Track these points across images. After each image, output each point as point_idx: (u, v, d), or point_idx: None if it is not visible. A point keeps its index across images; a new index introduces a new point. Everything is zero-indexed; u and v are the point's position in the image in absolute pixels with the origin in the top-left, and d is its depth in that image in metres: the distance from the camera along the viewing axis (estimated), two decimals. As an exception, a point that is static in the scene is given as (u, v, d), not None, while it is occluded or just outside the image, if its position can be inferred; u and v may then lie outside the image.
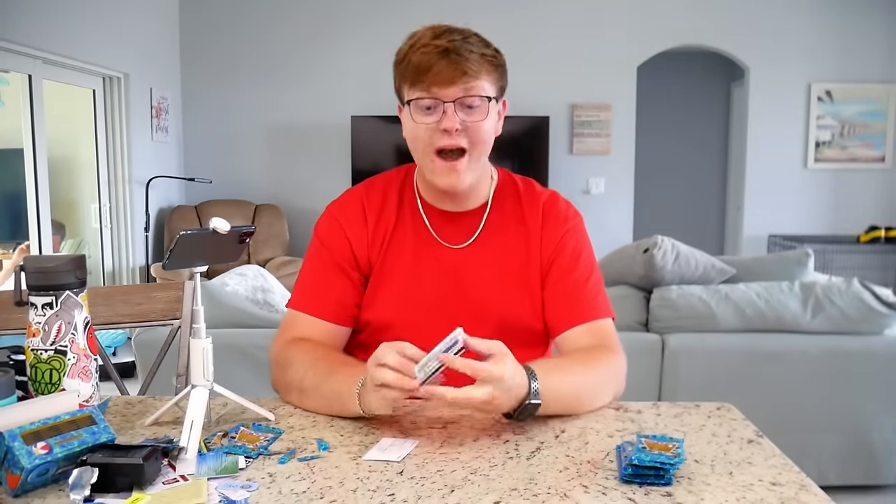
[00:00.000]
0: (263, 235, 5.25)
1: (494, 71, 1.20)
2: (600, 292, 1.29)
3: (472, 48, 1.16)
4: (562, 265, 1.27)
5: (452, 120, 1.16)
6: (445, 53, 1.15)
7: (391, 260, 1.28)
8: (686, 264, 2.65)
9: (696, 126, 7.17)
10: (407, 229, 1.29)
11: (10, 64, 3.73)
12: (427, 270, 1.27)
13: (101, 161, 4.73)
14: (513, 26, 5.54)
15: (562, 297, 1.26)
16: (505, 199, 1.31)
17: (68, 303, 1.00)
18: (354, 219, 1.29)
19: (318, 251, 1.30)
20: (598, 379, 1.15)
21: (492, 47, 1.21)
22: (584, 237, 1.32)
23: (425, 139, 1.19)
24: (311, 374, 1.13)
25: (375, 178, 1.36)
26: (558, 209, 1.32)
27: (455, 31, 1.18)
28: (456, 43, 1.15)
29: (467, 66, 1.15)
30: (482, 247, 1.28)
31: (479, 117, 1.18)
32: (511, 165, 5.40)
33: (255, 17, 5.60)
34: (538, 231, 1.29)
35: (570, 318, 1.25)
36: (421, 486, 0.86)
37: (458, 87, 1.15)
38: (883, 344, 2.52)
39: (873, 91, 5.61)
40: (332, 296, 1.26)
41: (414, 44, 1.18)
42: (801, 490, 0.85)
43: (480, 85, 1.17)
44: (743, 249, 5.77)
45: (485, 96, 1.18)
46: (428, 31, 1.19)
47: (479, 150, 1.21)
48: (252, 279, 2.85)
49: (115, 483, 0.84)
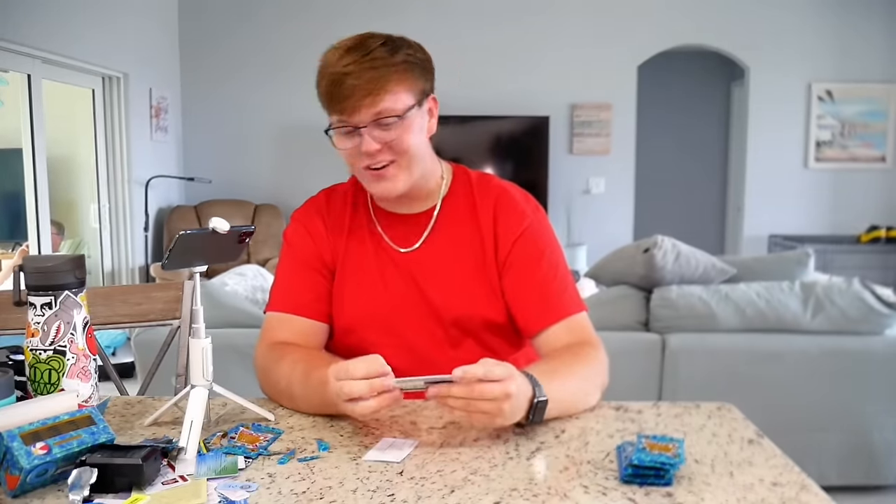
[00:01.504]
0: (263, 235, 5.25)
1: (408, 77, 1.16)
2: (570, 286, 1.28)
3: (375, 64, 1.13)
4: (526, 263, 1.26)
5: (369, 144, 1.16)
6: (346, 78, 1.12)
7: (350, 265, 1.29)
8: (686, 264, 2.65)
9: (697, 126, 7.16)
10: (362, 233, 1.30)
11: (9, 64, 3.73)
12: (383, 274, 1.28)
13: (101, 161, 4.73)
14: (512, 26, 5.54)
15: (531, 296, 1.25)
16: (457, 198, 1.30)
17: (67, 303, 1.00)
18: (315, 222, 1.32)
19: (288, 254, 1.32)
20: (591, 379, 1.15)
21: (403, 52, 1.16)
22: (547, 231, 1.31)
23: (352, 161, 1.21)
24: (295, 376, 1.13)
25: (336, 185, 1.37)
26: (513, 203, 1.29)
27: (360, 47, 1.15)
28: (357, 64, 1.12)
29: (372, 87, 1.12)
30: (432, 247, 1.28)
31: (398, 132, 1.17)
32: (511, 165, 5.41)
33: (254, 17, 5.60)
34: (491, 226, 1.27)
35: (543, 316, 1.24)
36: (421, 487, 0.85)
37: (367, 110, 1.14)
38: (883, 344, 2.52)
39: (874, 91, 5.60)
40: (306, 292, 1.28)
41: (323, 67, 1.16)
42: (801, 490, 0.85)
43: (393, 99, 1.14)
44: (743, 249, 5.77)
45: (396, 115, 1.15)
46: (333, 52, 1.17)
47: (407, 159, 1.20)
48: (251, 279, 2.85)
49: (115, 483, 0.84)
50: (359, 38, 1.17)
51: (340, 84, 1.13)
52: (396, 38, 1.19)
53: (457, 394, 0.95)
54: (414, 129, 1.19)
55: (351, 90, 1.13)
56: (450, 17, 5.46)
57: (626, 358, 2.42)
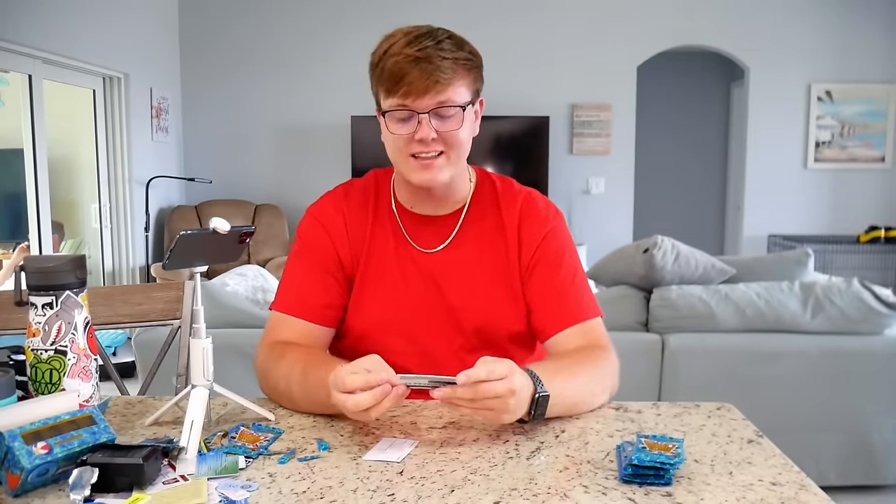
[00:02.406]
0: (263, 235, 5.25)
1: (468, 74, 1.18)
2: (587, 292, 1.28)
3: (444, 54, 1.14)
4: (546, 268, 1.26)
5: (427, 131, 1.15)
6: (417, 62, 1.12)
7: (373, 266, 1.27)
8: (686, 264, 2.65)
9: (696, 126, 7.17)
10: (385, 233, 1.28)
11: (10, 64, 3.73)
12: (405, 276, 1.27)
13: (101, 161, 4.73)
14: (513, 26, 5.54)
15: (549, 300, 1.25)
16: (482, 201, 1.30)
17: (68, 303, 1.00)
18: (334, 220, 1.29)
19: (301, 253, 1.30)
20: (597, 380, 1.15)
21: (466, 49, 1.19)
22: (566, 237, 1.31)
23: (402, 147, 1.19)
24: (295, 375, 1.13)
25: (354, 181, 1.35)
26: (537, 210, 1.30)
27: (428, 35, 1.15)
28: (429, 50, 1.13)
29: (440, 75, 1.13)
30: (457, 250, 1.27)
31: (454, 126, 1.17)
32: (511, 165, 5.40)
33: (254, 18, 5.60)
34: (515, 232, 1.28)
35: (559, 320, 1.24)
36: (421, 486, 0.86)
37: (431, 97, 1.14)
38: (883, 344, 2.52)
39: (873, 91, 5.61)
40: (317, 298, 1.26)
41: (387, 49, 1.16)
42: (800, 490, 0.85)
43: (454, 92, 1.16)
44: (743, 249, 5.77)
45: (459, 105, 1.16)
46: (402, 37, 1.16)
47: (456, 153, 1.20)
48: (252, 279, 2.85)
49: (115, 483, 0.84)
50: (426, 28, 1.18)
51: (410, 67, 1.13)
52: (457, 36, 1.20)
53: (462, 395, 0.95)
54: (467, 124, 1.20)
55: (420, 74, 1.13)
56: (449, 18, 5.45)
57: (625, 358, 2.40)
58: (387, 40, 1.17)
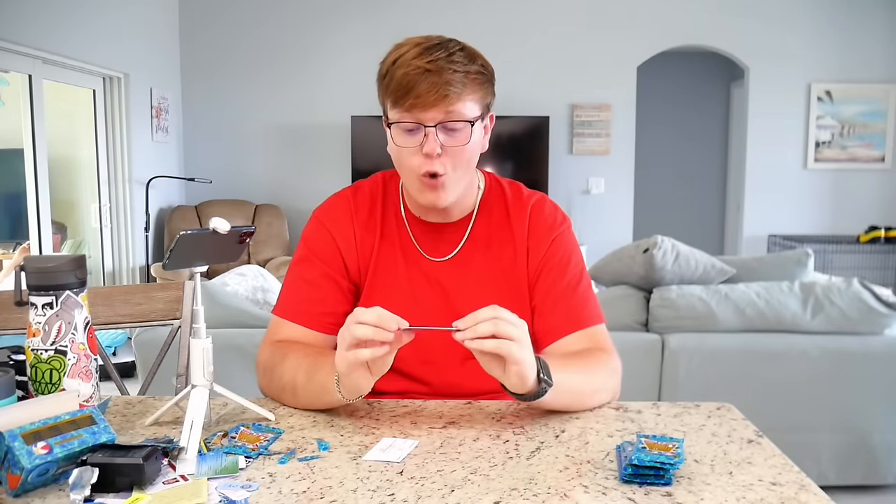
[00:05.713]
0: (263, 235, 5.25)
1: (479, 88, 1.16)
2: (591, 297, 1.27)
3: (455, 67, 1.11)
4: (551, 273, 1.25)
5: (433, 144, 1.13)
6: (427, 74, 1.10)
7: (381, 274, 1.26)
8: (686, 264, 2.65)
9: (696, 126, 7.17)
10: (393, 241, 1.27)
11: (10, 64, 3.73)
12: (412, 284, 1.26)
13: (101, 161, 4.73)
14: (512, 26, 5.54)
15: (553, 306, 1.24)
16: (491, 208, 1.29)
17: (68, 303, 1.00)
18: (343, 226, 1.27)
19: (306, 258, 1.28)
20: (599, 375, 1.15)
21: (478, 62, 1.16)
22: (572, 242, 1.30)
23: (408, 161, 1.17)
24: (300, 371, 1.12)
25: (361, 183, 1.33)
26: (544, 216, 1.29)
27: (440, 47, 1.13)
28: (439, 62, 1.11)
29: (449, 89, 1.10)
30: (466, 258, 1.26)
31: (462, 141, 1.15)
32: (511, 165, 5.41)
33: (255, 18, 5.60)
34: (524, 239, 1.27)
35: (563, 326, 1.23)
36: (421, 486, 0.86)
37: (439, 110, 1.12)
38: (883, 344, 2.52)
39: (873, 91, 5.61)
40: (320, 305, 1.24)
41: (397, 60, 1.13)
42: (800, 490, 0.85)
43: (463, 106, 1.13)
44: (743, 249, 5.77)
45: (467, 120, 1.14)
46: (412, 48, 1.13)
47: (461, 171, 1.18)
48: (252, 279, 2.85)
49: (115, 483, 0.84)
50: (437, 39, 1.15)
51: (419, 79, 1.10)
52: (470, 47, 1.18)
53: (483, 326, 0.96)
54: (474, 139, 1.17)
55: (428, 87, 1.10)
56: (449, 17, 5.46)
57: (625, 358, 2.40)
58: (396, 49, 1.15)
